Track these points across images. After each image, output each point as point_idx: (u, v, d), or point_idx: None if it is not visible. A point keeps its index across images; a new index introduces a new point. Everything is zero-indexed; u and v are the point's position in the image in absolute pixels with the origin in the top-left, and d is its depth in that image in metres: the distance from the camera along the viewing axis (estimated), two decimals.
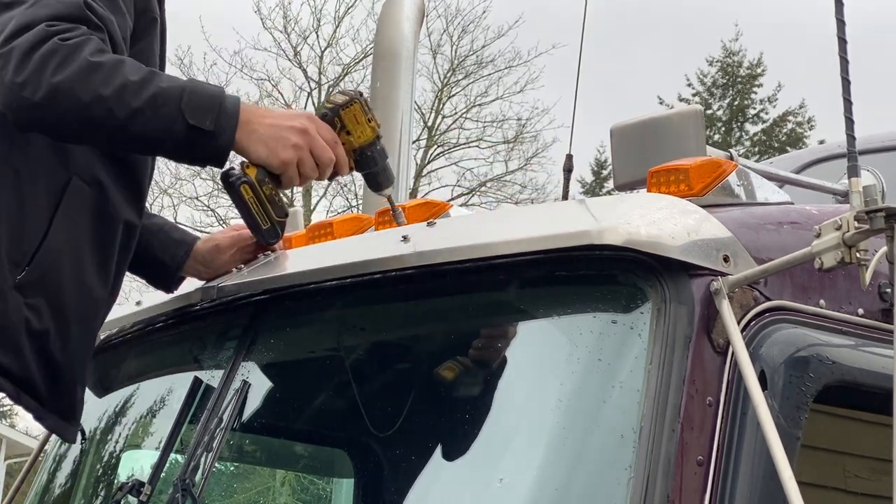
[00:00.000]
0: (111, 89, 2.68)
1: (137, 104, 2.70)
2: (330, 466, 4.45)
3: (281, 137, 2.91)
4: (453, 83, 27.62)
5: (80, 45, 2.68)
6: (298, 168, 2.96)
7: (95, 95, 2.67)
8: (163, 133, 2.75)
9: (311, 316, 3.38)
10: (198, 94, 2.76)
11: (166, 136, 2.76)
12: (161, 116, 2.72)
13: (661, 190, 2.99)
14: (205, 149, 2.82)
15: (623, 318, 2.77)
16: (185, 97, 2.74)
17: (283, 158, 2.91)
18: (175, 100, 2.73)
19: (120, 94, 2.68)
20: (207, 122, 2.76)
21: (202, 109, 2.76)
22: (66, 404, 3.11)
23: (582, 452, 2.75)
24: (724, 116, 38.04)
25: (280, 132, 2.91)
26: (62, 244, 2.97)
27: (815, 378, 2.76)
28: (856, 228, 2.59)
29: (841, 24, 2.78)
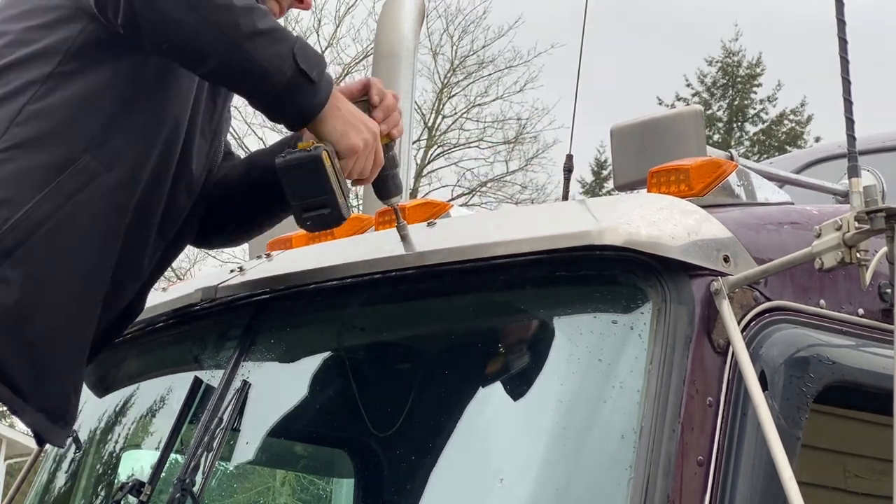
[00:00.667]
0: (242, 4, 2.70)
1: (263, 26, 2.71)
2: (330, 466, 4.45)
3: (357, 126, 2.92)
4: (453, 83, 27.65)
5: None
6: (357, 163, 2.93)
7: (227, 4, 2.68)
8: (272, 65, 2.74)
9: (312, 316, 3.38)
10: (307, 47, 2.78)
11: (274, 71, 2.75)
12: (277, 48, 2.73)
13: (661, 190, 2.99)
14: (302, 98, 2.81)
15: (623, 318, 2.77)
16: (298, 42, 2.76)
17: (354, 144, 2.90)
18: (290, 41, 2.75)
19: (249, 11, 2.71)
20: (314, 73, 2.77)
21: (311, 60, 2.78)
22: (53, 402, 2.95)
23: (582, 452, 2.75)
24: (724, 116, 38.06)
25: (357, 122, 2.92)
26: (50, 217, 2.83)
27: (815, 378, 2.76)
28: (856, 229, 2.59)
29: (841, 24, 2.79)
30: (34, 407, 2.92)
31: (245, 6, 2.72)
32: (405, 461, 3.19)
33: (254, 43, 2.72)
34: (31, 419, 2.94)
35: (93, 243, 2.93)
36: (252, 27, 2.71)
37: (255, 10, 2.73)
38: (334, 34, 27.12)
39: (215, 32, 2.72)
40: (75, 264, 2.91)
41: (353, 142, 2.90)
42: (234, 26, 2.71)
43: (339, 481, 4.60)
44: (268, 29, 2.74)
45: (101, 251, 2.97)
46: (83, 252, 2.92)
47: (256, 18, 2.72)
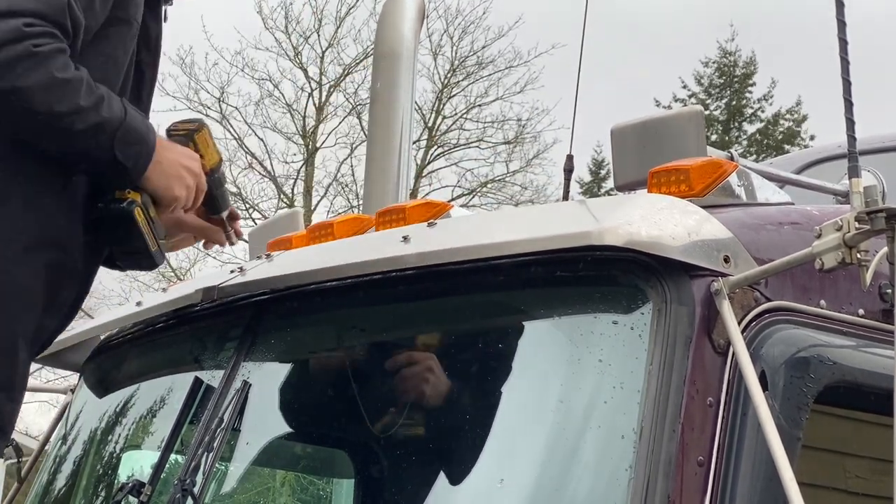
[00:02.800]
0: (64, 108, 2.84)
1: (81, 127, 2.88)
2: (330, 467, 4.45)
3: (180, 176, 3.12)
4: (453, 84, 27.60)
5: (50, 57, 2.81)
6: (178, 206, 3.16)
7: (48, 109, 2.83)
8: (90, 155, 2.95)
9: (312, 316, 3.38)
10: (130, 132, 2.96)
11: (92, 158, 2.96)
12: (96, 143, 2.92)
13: (661, 190, 2.99)
14: (120, 176, 3.02)
15: (624, 318, 2.77)
16: (119, 132, 2.94)
17: (177, 195, 3.12)
18: (110, 132, 2.92)
19: (69, 115, 2.85)
20: (131, 161, 2.98)
21: (130, 146, 2.98)
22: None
23: (582, 453, 2.75)
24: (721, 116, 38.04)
25: (179, 171, 3.13)
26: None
27: (815, 378, 2.76)
28: (856, 229, 2.59)
29: (841, 24, 2.78)
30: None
31: (68, 108, 2.84)
32: (405, 461, 3.19)
33: (74, 139, 2.89)
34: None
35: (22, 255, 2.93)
36: (71, 129, 2.86)
37: (78, 110, 2.85)
38: (335, 34, 27.11)
39: (36, 130, 2.87)
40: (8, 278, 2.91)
41: (174, 193, 3.11)
42: (53, 129, 2.87)
43: (338, 481, 4.60)
44: (88, 126, 2.87)
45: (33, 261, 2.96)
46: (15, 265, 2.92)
47: (77, 120, 2.85)
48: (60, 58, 2.84)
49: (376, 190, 4.56)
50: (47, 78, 2.80)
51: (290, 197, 26.49)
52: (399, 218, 3.45)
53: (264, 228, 4.51)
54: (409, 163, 4.67)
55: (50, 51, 2.82)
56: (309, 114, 27.23)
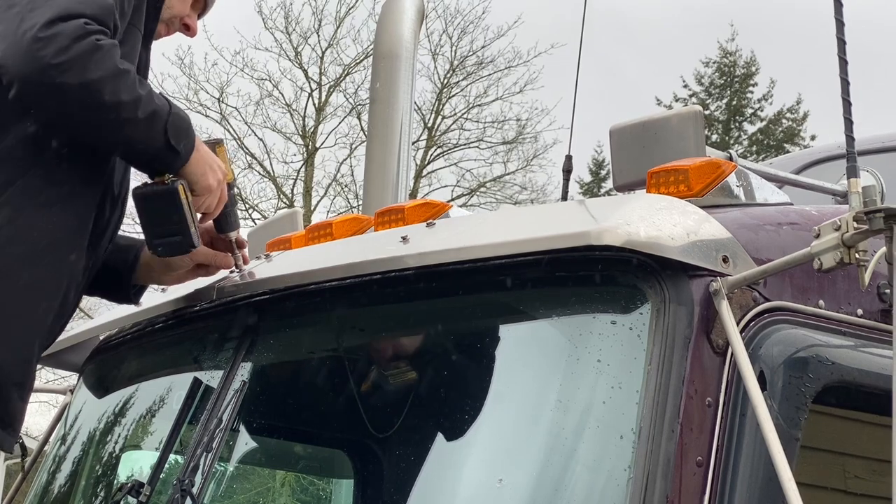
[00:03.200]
0: (129, 97, 3.01)
1: (142, 115, 3.04)
2: (329, 467, 4.45)
3: (213, 169, 3.28)
4: (453, 84, 27.58)
5: (112, 50, 3.01)
6: (209, 199, 3.29)
7: (115, 98, 2.99)
8: (146, 142, 3.10)
9: (311, 316, 3.38)
10: (178, 119, 3.14)
11: (148, 146, 3.11)
12: (151, 130, 3.08)
13: (660, 191, 2.99)
14: (168, 162, 3.17)
15: (622, 318, 2.77)
16: (170, 119, 3.11)
17: (211, 184, 3.26)
18: (163, 120, 3.09)
19: (132, 104, 3.02)
20: (181, 145, 3.15)
21: (179, 132, 3.14)
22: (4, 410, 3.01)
23: (581, 453, 2.75)
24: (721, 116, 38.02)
25: (213, 165, 3.28)
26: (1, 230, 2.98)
27: (814, 379, 2.76)
28: (855, 229, 2.59)
29: (840, 24, 2.79)
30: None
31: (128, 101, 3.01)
32: (404, 462, 3.19)
33: (133, 128, 3.05)
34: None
35: (46, 257, 3.05)
36: (133, 117, 3.03)
37: (139, 99, 3.04)
38: (334, 35, 27.09)
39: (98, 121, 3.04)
40: (28, 277, 3.02)
41: (209, 181, 3.25)
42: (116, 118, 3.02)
43: (338, 481, 4.60)
44: (146, 115, 3.05)
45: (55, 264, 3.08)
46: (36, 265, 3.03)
47: (138, 108, 3.03)
48: (117, 52, 3.02)
49: (376, 190, 4.56)
50: (114, 68, 2.98)
51: (289, 197, 26.47)
52: (398, 218, 3.45)
53: (264, 228, 4.51)
54: (408, 163, 4.67)
55: (111, 45, 3.01)
56: (308, 114, 27.22)
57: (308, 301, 3.28)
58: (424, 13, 4.90)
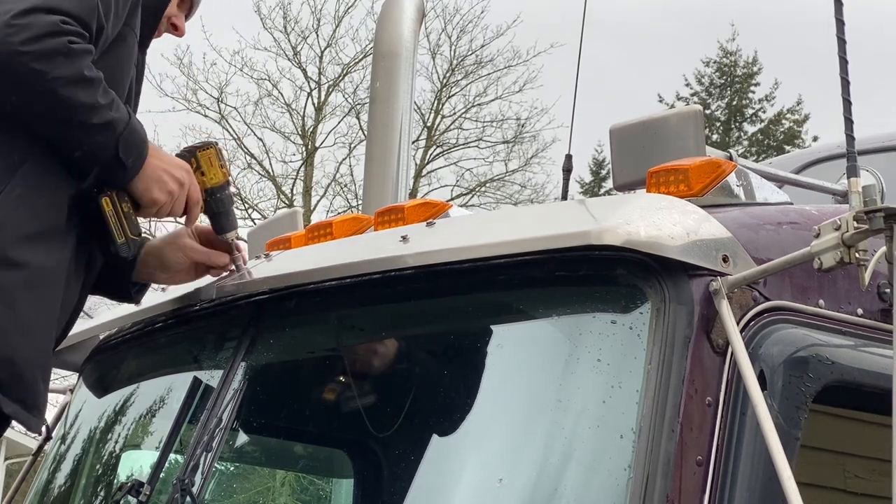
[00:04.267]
0: (87, 101, 3.06)
1: (97, 121, 3.08)
2: (329, 466, 4.45)
3: (161, 181, 3.27)
4: (452, 83, 27.59)
5: (81, 55, 3.04)
6: (162, 209, 3.30)
7: (73, 100, 3.04)
8: (96, 149, 3.13)
9: (311, 316, 3.38)
10: (132, 134, 3.17)
11: (97, 153, 3.14)
12: (102, 139, 3.11)
13: (660, 190, 2.99)
14: (115, 174, 3.20)
15: (622, 318, 2.77)
16: (125, 132, 3.13)
17: (156, 198, 3.27)
18: (117, 131, 3.12)
19: (88, 109, 3.06)
20: (130, 160, 3.17)
21: (130, 148, 3.17)
22: (28, 393, 3.09)
23: (581, 452, 2.75)
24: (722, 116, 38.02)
25: (161, 175, 3.28)
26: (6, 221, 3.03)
27: (814, 378, 2.76)
28: (855, 229, 2.59)
29: (840, 24, 2.79)
30: (12, 398, 3.04)
31: (89, 102, 3.06)
32: (404, 461, 3.19)
33: (86, 132, 3.09)
34: (9, 409, 3.06)
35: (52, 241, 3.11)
36: (87, 122, 3.07)
37: (95, 106, 3.07)
38: (333, 34, 27.10)
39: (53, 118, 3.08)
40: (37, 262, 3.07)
41: (153, 196, 3.26)
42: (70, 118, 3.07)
43: (338, 481, 4.60)
44: (101, 123, 3.08)
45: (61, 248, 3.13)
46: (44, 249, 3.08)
47: (93, 115, 3.07)
48: (88, 58, 3.06)
49: (375, 189, 4.56)
50: (77, 73, 3.03)
51: (289, 197, 26.48)
52: (398, 218, 3.45)
53: (263, 228, 4.51)
54: (408, 162, 4.67)
55: (81, 50, 3.04)
56: (308, 113, 27.23)
57: (308, 301, 3.28)
58: (424, 12, 4.90)
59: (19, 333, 3.03)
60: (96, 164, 3.17)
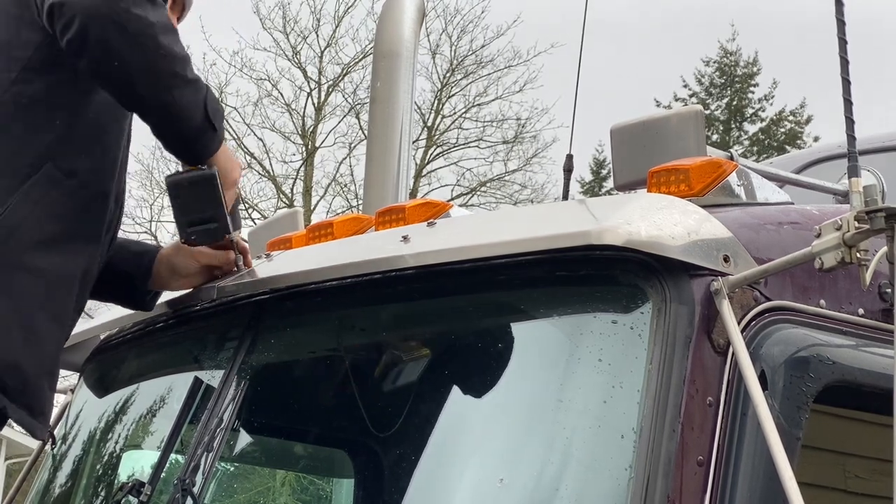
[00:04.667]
0: (181, 52, 3.06)
1: (191, 76, 3.08)
2: (330, 466, 4.45)
3: (236, 164, 3.32)
4: (453, 83, 27.61)
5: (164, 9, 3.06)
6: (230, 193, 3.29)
7: (170, 48, 3.02)
8: (188, 110, 3.08)
9: (311, 316, 3.38)
10: (215, 98, 3.15)
11: (188, 117, 3.09)
12: (195, 98, 3.08)
13: (661, 190, 2.99)
14: (205, 142, 3.16)
15: (623, 318, 2.77)
16: (209, 94, 3.12)
17: (236, 178, 3.31)
18: (203, 92, 3.11)
19: (184, 60, 3.06)
20: (218, 123, 3.15)
21: (217, 112, 3.16)
22: (33, 399, 3.09)
23: (582, 452, 2.75)
24: (722, 116, 38.03)
25: (235, 161, 3.30)
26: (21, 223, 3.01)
27: (815, 378, 2.76)
28: (856, 228, 2.59)
29: (841, 24, 2.79)
30: (18, 404, 3.04)
31: (181, 56, 3.05)
32: (405, 461, 3.19)
33: (182, 88, 3.06)
34: (15, 415, 3.06)
35: (64, 246, 3.09)
36: (183, 77, 3.06)
37: (187, 60, 3.07)
38: (333, 34, 27.12)
39: (152, 76, 3.02)
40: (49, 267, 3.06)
41: (235, 176, 3.30)
42: (170, 74, 3.04)
43: (339, 481, 4.60)
44: (193, 79, 3.07)
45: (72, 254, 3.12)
46: (56, 255, 3.07)
47: (187, 69, 3.07)
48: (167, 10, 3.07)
49: (376, 189, 4.56)
50: (166, 19, 3.04)
51: (289, 197, 26.49)
52: (398, 218, 3.45)
53: (264, 228, 4.51)
54: (408, 162, 4.67)
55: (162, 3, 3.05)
56: (308, 113, 27.26)
57: (309, 301, 3.28)
58: (424, 12, 4.90)
59: (29, 340, 3.02)
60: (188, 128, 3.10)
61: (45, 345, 3.09)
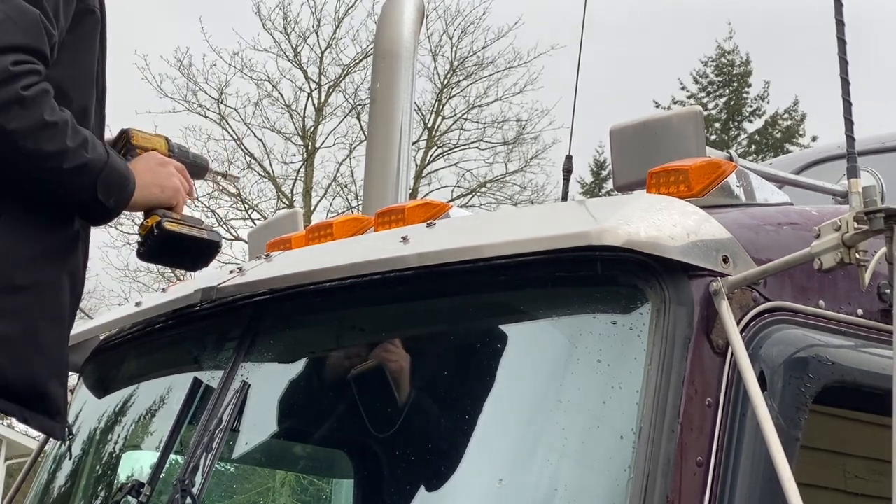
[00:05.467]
0: (54, 149, 2.90)
1: (67, 167, 2.94)
2: (330, 467, 4.45)
3: (160, 175, 3.23)
4: (453, 84, 27.60)
5: (39, 101, 2.85)
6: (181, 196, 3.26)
7: (38, 151, 2.88)
8: (73, 195, 3.01)
9: (311, 317, 3.38)
10: (112, 173, 3.04)
11: (74, 197, 3.02)
12: (79, 183, 2.99)
13: (660, 191, 2.99)
14: (96, 215, 3.10)
15: (623, 318, 2.77)
16: (102, 173, 3.01)
17: (172, 185, 3.23)
18: (94, 174, 2.99)
19: (58, 155, 2.91)
20: (111, 201, 3.06)
21: (111, 188, 3.05)
22: (48, 401, 3.09)
23: (581, 453, 2.75)
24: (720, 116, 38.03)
25: (157, 172, 3.23)
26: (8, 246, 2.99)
27: (814, 379, 2.76)
28: (855, 229, 2.59)
29: (840, 25, 2.79)
30: (38, 412, 3.05)
31: (56, 149, 2.89)
32: (404, 462, 3.19)
33: (60, 180, 2.95)
34: (36, 423, 3.07)
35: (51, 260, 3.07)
36: (57, 170, 2.92)
37: (64, 152, 2.91)
38: (333, 35, 27.10)
39: (22, 169, 2.91)
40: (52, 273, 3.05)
41: (168, 194, 3.22)
42: (41, 168, 2.92)
43: (338, 482, 4.60)
44: (73, 167, 2.93)
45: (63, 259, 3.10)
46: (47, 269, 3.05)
47: (63, 160, 2.91)
48: (48, 100, 2.88)
49: (376, 190, 4.56)
50: (37, 122, 2.85)
51: (289, 197, 26.47)
52: (398, 218, 3.45)
53: (264, 229, 4.51)
54: (408, 163, 4.67)
55: (38, 93, 2.85)
56: (308, 114, 27.23)
57: (308, 301, 3.28)
58: (425, 13, 4.90)
59: (37, 352, 3.02)
60: (78, 205, 3.05)
61: (52, 350, 3.08)
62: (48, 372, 3.09)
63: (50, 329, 3.10)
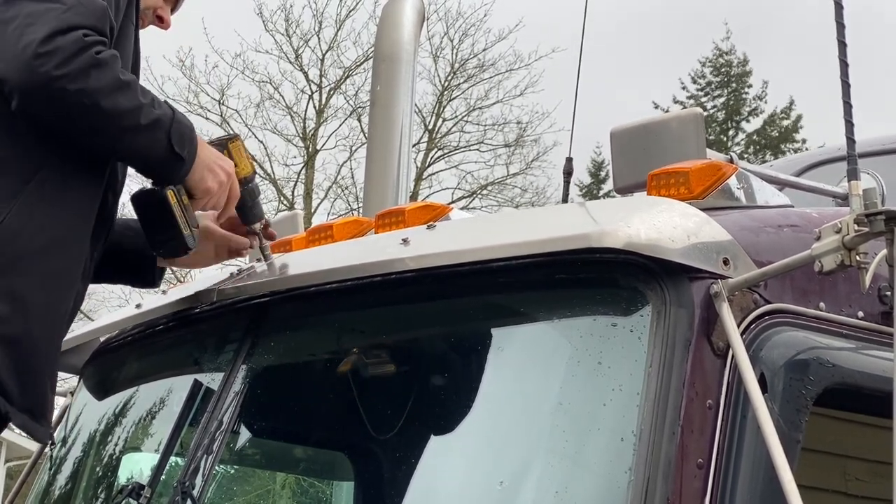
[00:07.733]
0: (130, 106, 3.07)
1: (144, 122, 3.10)
2: (330, 469, 4.45)
3: (214, 170, 3.32)
4: (454, 86, 27.62)
5: (111, 63, 3.05)
6: (212, 200, 3.35)
7: (116, 108, 3.05)
8: (150, 150, 3.15)
9: (311, 319, 3.38)
10: (181, 126, 3.19)
11: (152, 153, 3.17)
12: (155, 137, 3.13)
13: (660, 193, 2.99)
14: (173, 168, 3.22)
15: (623, 320, 2.77)
16: (173, 126, 3.16)
17: (210, 187, 3.31)
18: (166, 127, 3.15)
19: (134, 112, 3.08)
20: (185, 151, 3.20)
21: (183, 139, 3.19)
22: (35, 403, 3.10)
23: (582, 455, 2.75)
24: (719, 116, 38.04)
25: (214, 166, 3.32)
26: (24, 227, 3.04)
27: (815, 381, 2.76)
28: (855, 231, 2.59)
29: (840, 27, 2.79)
30: (19, 408, 3.05)
31: (129, 109, 3.07)
32: (405, 464, 3.19)
33: (136, 136, 3.11)
34: (17, 420, 3.06)
35: (64, 248, 3.11)
36: (135, 125, 3.09)
37: (140, 107, 3.09)
38: (335, 37, 27.13)
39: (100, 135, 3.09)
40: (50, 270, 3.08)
41: (207, 185, 3.30)
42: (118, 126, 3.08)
43: (339, 484, 4.60)
44: (149, 123, 3.10)
45: (72, 255, 3.14)
46: (57, 258, 3.09)
47: (140, 116, 3.09)
48: (117, 63, 3.08)
49: (376, 192, 4.56)
50: (114, 80, 3.03)
51: (289, 199, 26.49)
52: (398, 220, 3.45)
53: None
54: (408, 165, 4.67)
55: (110, 56, 3.05)
56: (309, 116, 27.26)
57: (309, 303, 3.28)
58: (425, 16, 4.91)
59: (29, 344, 3.03)
60: (153, 162, 3.19)
61: (45, 348, 3.09)
62: (41, 368, 3.10)
63: (46, 326, 3.10)
